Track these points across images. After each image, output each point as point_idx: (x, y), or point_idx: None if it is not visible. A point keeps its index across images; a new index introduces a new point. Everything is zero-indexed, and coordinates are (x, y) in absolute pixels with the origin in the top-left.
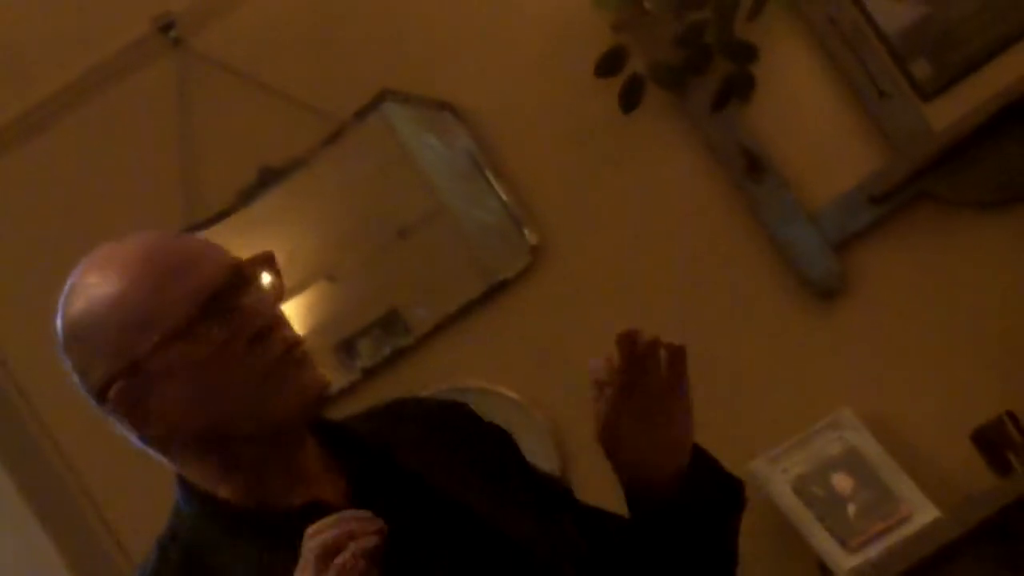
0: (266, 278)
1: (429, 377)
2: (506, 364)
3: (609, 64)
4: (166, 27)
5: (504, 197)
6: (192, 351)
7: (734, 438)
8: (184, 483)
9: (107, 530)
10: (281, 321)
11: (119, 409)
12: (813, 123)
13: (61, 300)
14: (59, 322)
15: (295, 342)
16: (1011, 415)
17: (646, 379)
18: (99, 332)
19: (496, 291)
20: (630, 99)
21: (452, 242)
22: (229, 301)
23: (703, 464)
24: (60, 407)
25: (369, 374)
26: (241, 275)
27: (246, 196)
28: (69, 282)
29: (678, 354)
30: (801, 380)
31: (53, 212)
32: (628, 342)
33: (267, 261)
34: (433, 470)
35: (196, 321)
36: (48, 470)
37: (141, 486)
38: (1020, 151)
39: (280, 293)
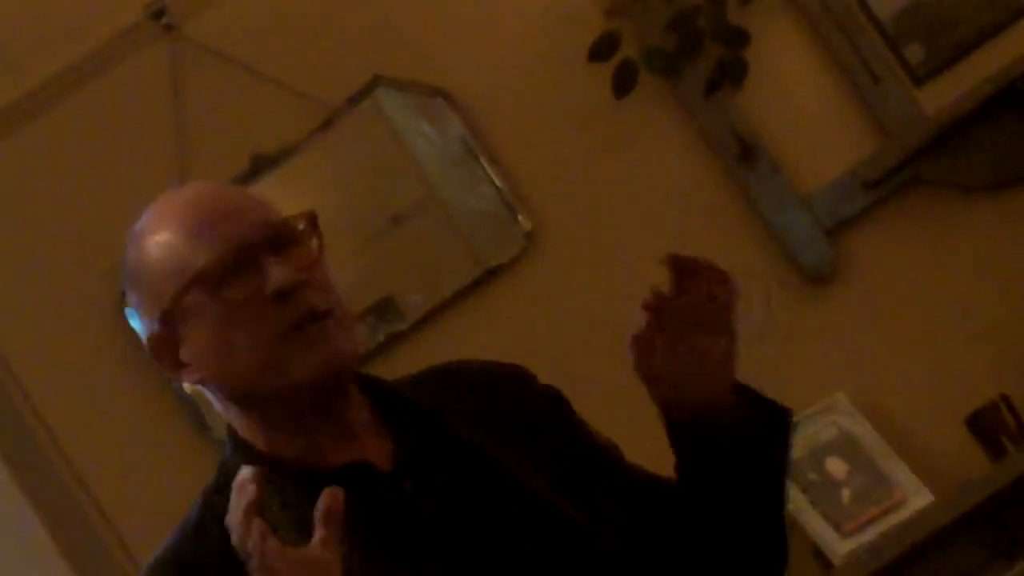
0: (308, 239)
1: (423, 363)
2: (500, 350)
3: (602, 49)
4: (158, 14)
5: (497, 183)
6: (211, 302)
7: None
8: (232, 433)
9: (102, 518)
10: (310, 285)
11: (155, 359)
12: (806, 108)
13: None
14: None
15: (320, 309)
16: (1005, 399)
17: (684, 304)
18: (142, 280)
19: (490, 277)
20: (623, 84)
21: (445, 229)
22: (258, 258)
23: (746, 397)
24: (56, 396)
25: (362, 360)
26: (280, 234)
27: (239, 183)
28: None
29: (717, 277)
30: (795, 365)
31: (47, 200)
32: (674, 262)
33: (310, 221)
34: (480, 437)
35: (219, 272)
36: (43, 459)
37: (138, 474)
38: (1013, 135)
39: (316, 257)
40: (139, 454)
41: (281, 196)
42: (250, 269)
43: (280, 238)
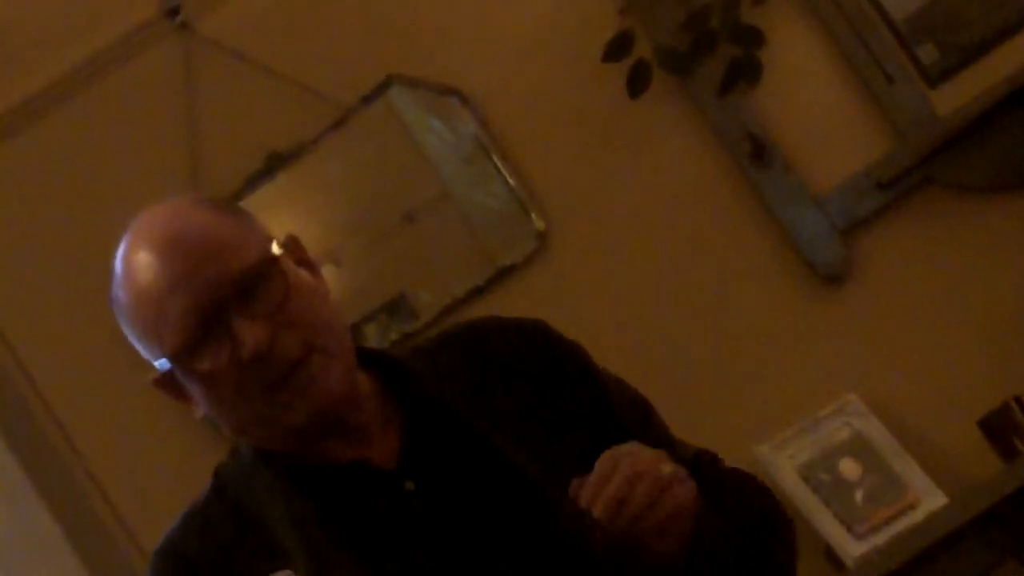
0: (278, 271)
1: None
2: None
3: (616, 49)
4: (172, 11)
5: (510, 182)
6: (194, 369)
7: (740, 424)
8: None
9: (113, 511)
10: (286, 327)
11: (160, 392)
12: (819, 108)
13: None
14: None
15: (298, 357)
16: (1018, 401)
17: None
18: (130, 328)
19: (502, 276)
20: (637, 84)
21: (458, 227)
22: (226, 318)
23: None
24: (67, 391)
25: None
26: (246, 279)
27: (252, 181)
28: (116, 253)
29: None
30: (807, 366)
31: (59, 196)
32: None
33: (284, 245)
34: (489, 418)
35: (190, 347)
36: (50, 448)
37: (148, 467)
38: None
39: (287, 289)
40: (150, 447)
41: (294, 194)
42: (221, 332)
43: (246, 283)
